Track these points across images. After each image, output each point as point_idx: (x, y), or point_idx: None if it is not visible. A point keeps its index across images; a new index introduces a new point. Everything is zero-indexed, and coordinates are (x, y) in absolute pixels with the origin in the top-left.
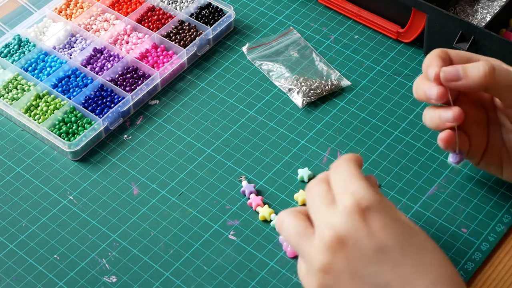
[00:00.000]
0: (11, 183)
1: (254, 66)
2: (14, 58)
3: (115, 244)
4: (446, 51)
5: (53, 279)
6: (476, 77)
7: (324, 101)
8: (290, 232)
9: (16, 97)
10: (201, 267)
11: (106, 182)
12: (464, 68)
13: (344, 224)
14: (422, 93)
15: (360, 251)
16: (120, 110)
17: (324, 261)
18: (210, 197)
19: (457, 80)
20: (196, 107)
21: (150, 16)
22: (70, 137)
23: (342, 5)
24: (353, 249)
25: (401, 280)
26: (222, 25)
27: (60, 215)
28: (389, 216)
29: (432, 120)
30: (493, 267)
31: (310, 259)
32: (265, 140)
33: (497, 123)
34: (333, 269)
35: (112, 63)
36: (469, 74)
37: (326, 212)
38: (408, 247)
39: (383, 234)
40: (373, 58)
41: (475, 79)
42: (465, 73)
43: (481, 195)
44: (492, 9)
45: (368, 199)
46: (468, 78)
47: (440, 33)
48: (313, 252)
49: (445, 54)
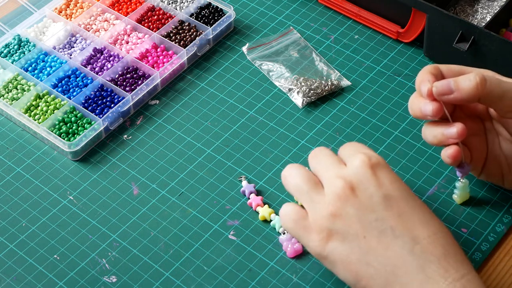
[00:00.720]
0: (11, 183)
1: (254, 66)
2: (14, 58)
3: (115, 244)
4: (437, 66)
5: (53, 279)
6: (468, 88)
7: (324, 101)
8: (297, 181)
9: (16, 97)
10: (201, 267)
11: (106, 182)
12: (455, 81)
13: (355, 175)
14: (418, 110)
15: (369, 198)
16: (120, 110)
17: (334, 208)
18: (210, 197)
19: (450, 93)
20: (196, 107)
21: (150, 16)
22: (70, 137)
23: (342, 5)
24: (362, 196)
25: (405, 227)
26: (222, 25)
27: (60, 215)
28: (395, 175)
29: (435, 137)
30: (493, 267)
31: (320, 207)
32: (265, 140)
33: (494, 133)
34: (343, 215)
35: (112, 63)
36: (461, 86)
37: (336, 169)
38: (412, 201)
39: (391, 186)
40: (373, 58)
41: (467, 91)
42: (456, 85)
43: (481, 195)
44: (492, 9)
45: (377, 157)
46: (460, 90)
47: (440, 33)
48: (322, 200)
49: (436, 69)
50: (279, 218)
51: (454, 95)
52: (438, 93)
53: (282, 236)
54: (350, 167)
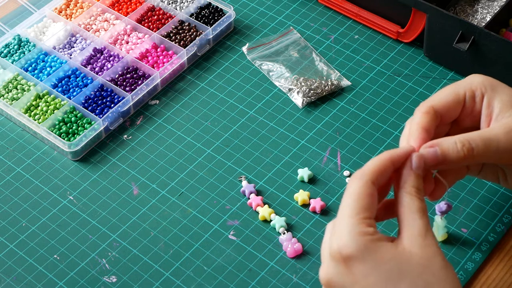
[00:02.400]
0: (11, 183)
1: (254, 66)
2: (14, 58)
3: (115, 244)
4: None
5: (53, 279)
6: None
7: (324, 101)
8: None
9: (16, 97)
10: (201, 267)
11: (106, 182)
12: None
13: (331, 270)
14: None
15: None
16: (120, 110)
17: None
18: (210, 197)
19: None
20: (196, 107)
21: (150, 16)
22: (70, 137)
23: (342, 5)
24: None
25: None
26: (222, 25)
27: (60, 215)
28: (372, 264)
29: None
30: (493, 267)
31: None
32: (265, 140)
33: None
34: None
35: (112, 63)
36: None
37: (324, 253)
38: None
39: (366, 283)
40: (373, 58)
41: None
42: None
43: (481, 195)
44: (492, 9)
45: (350, 247)
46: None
47: (440, 33)
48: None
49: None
50: (279, 218)
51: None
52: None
53: (282, 236)
54: (328, 258)
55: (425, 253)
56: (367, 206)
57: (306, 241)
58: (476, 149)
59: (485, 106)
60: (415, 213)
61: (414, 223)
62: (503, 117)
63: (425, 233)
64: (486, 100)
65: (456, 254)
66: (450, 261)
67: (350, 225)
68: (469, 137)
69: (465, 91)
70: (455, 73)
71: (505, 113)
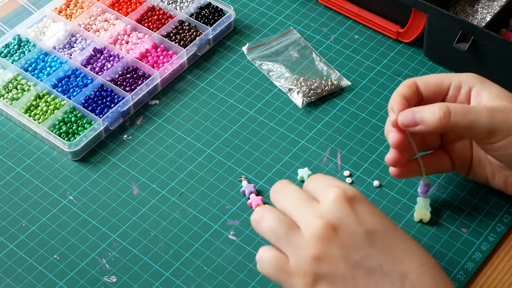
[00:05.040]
0: (11, 183)
1: (254, 66)
2: (14, 58)
3: (115, 244)
4: (413, 83)
5: (53, 279)
6: (431, 122)
7: (324, 101)
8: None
9: (16, 97)
10: (201, 267)
11: (106, 182)
12: (420, 113)
13: (333, 212)
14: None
15: (352, 236)
16: (120, 110)
17: (318, 250)
18: (210, 197)
19: (415, 125)
20: (196, 107)
21: (150, 16)
22: (70, 137)
23: (342, 5)
24: (345, 234)
25: (392, 262)
26: (222, 25)
27: (60, 215)
28: (373, 206)
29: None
30: (493, 267)
31: (301, 251)
32: (265, 140)
33: None
34: (328, 257)
35: (112, 63)
36: (425, 119)
37: (309, 208)
38: (395, 233)
39: (371, 220)
40: (373, 58)
41: (431, 125)
42: (421, 118)
43: (481, 195)
44: (492, 9)
45: (352, 190)
46: (425, 123)
47: (440, 33)
48: (302, 243)
49: (410, 89)
50: None
51: (419, 128)
52: (403, 125)
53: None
54: (326, 203)
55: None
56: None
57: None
58: (454, 115)
59: (474, 97)
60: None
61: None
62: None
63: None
64: (475, 91)
65: (456, 254)
66: (450, 261)
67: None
68: (451, 105)
69: (451, 81)
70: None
71: (493, 102)
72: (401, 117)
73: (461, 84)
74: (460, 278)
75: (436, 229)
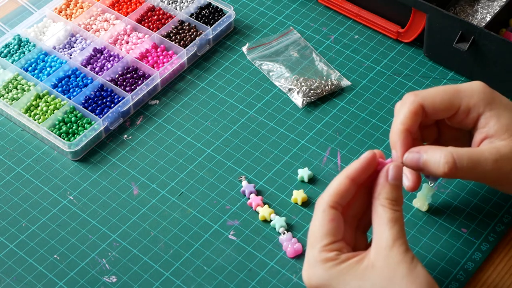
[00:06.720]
0: (11, 183)
1: (254, 66)
2: (14, 58)
3: (115, 244)
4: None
5: (53, 279)
6: (434, 171)
7: (324, 101)
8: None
9: (16, 97)
10: (201, 267)
11: (106, 182)
12: (424, 162)
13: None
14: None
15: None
16: (120, 110)
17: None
18: (210, 197)
19: (418, 170)
20: (196, 107)
21: (150, 16)
22: (70, 137)
23: (342, 5)
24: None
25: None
26: (222, 25)
27: (60, 215)
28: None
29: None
30: (493, 267)
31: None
32: (265, 140)
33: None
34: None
35: (112, 63)
36: (430, 169)
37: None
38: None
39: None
40: (373, 58)
41: (434, 173)
42: (425, 166)
43: (481, 195)
44: (492, 9)
45: (315, 276)
46: (429, 171)
47: (440, 33)
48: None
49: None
50: (279, 218)
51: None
52: (407, 166)
53: (282, 236)
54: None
55: (388, 264)
56: (329, 232)
57: (306, 241)
58: (460, 167)
59: (482, 125)
60: (385, 225)
61: (382, 235)
62: (497, 139)
63: (392, 243)
64: (483, 120)
65: (456, 254)
66: (450, 261)
67: (313, 255)
68: (457, 154)
69: (460, 104)
70: (455, 73)
71: (500, 136)
72: (406, 160)
73: (470, 109)
74: (460, 278)
75: (436, 229)
